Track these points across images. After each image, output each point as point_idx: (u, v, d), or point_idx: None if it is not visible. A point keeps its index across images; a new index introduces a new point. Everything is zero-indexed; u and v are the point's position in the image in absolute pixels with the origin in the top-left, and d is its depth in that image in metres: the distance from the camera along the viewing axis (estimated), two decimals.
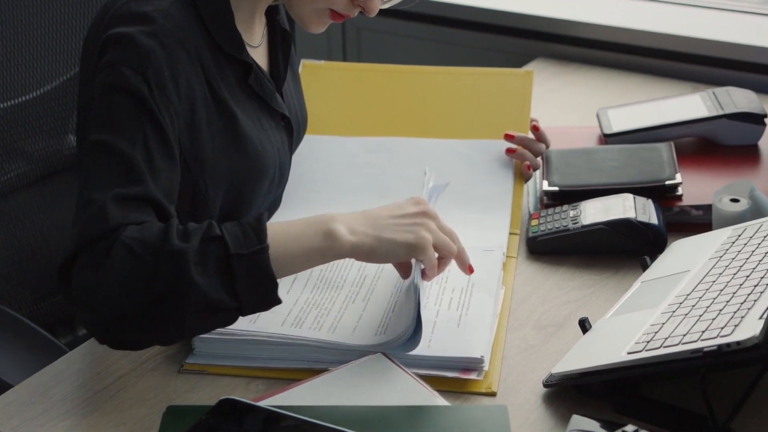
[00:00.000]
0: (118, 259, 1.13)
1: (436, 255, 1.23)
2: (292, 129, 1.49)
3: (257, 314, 1.24)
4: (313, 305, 1.27)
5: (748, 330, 1.02)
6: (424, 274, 1.23)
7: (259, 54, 1.43)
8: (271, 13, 1.46)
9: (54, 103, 1.66)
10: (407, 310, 1.21)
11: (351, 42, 2.47)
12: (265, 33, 1.45)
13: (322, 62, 1.76)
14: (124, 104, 1.23)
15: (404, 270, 1.28)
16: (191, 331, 1.19)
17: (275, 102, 1.43)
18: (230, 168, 1.34)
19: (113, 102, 1.23)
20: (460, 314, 1.26)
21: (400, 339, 1.18)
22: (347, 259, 1.35)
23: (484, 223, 1.48)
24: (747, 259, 1.21)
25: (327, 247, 1.19)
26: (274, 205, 1.50)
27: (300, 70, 1.72)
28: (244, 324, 1.22)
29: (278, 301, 1.18)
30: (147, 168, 1.21)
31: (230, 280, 1.14)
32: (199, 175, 1.31)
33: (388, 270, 1.32)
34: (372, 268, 1.35)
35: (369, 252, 1.21)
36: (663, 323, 1.13)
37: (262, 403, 1.10)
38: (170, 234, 1.15)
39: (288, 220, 1.22)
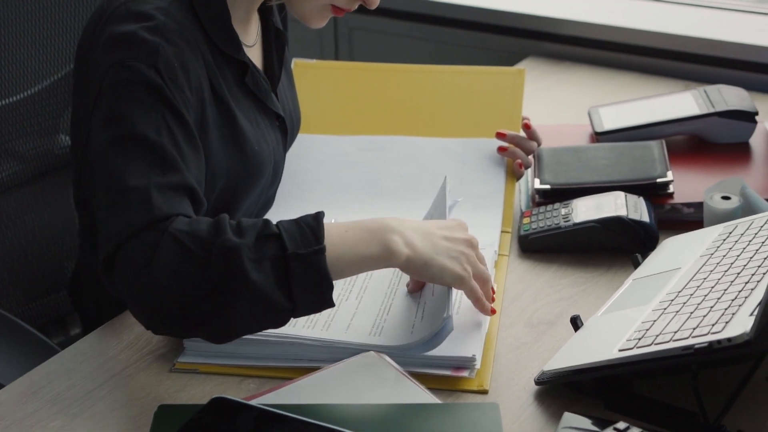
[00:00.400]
0: (167, 252, 1.11)
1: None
2: (287, 129, 1.49)
3: None
4: None
5: (738, 327, 1.03)
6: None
7: (254, 53, 1.43)
8: (265, 13, 1.46)
9: (45, 103, 1.66)
10: (423, 326, 1.21)
11: (343, 41, 2.47)
12: (259, 33, 1.45)
13: (314, 61, 1.76)
14: (141, 96, 1.21)
15: (418, 286, 1.28)
16: (240, 329, 1.16)
17: (271, 102, 1.43)
18: (228, 167, 1.34)
19: (128, 96, 1.21)
20: (452, 313, 1.25)
21: (405, 348, 1.19)
22: None
23: (476, 221, 1.48)
24: (738, 256, 1.21)
25: (383, 257, 1.18)
26: (266, 205, 1.50)
27: (292, 68, 1.72)
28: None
29: (332, 304, 1.15)
30: (179, 155, 1.19)
31: (286, 280, 1.12)
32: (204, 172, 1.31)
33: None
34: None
35: (419, 269, 1.19)
36: (654, 320, 1.13)
37: (254, 402, 1.10)
38: (224, 228, 1.13)
39: (344, 223, 1.19)
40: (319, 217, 1.16)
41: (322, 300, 1.15)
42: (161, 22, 1.25)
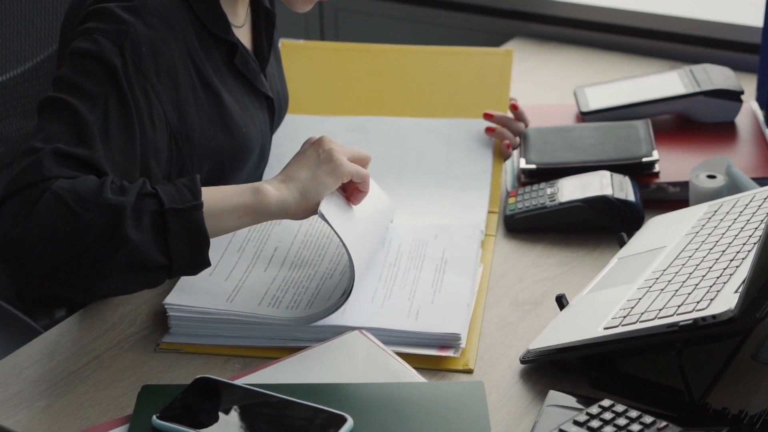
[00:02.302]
0: (45, 208, 1.11)
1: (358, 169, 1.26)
2: (275, 109, 1.48)
3: (234, 293, 1.24)
4: (291, 284, 1.27)
5: (723, 304, 1.03)
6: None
7: (242, 34, 1.42)
8: None
9: (28, 85, 1.65)
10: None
11: (329, 22, 2.46)
12: (249, 13, 1.45)
13: (301, 42, 1.76)
14: (94, 71, 1.22)
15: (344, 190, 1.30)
16: (115, 288, 1.17)
17: (260, 83, 1.42)
18: (216, 149, 1.34)
19: (83, 67, 1.22)
20: (436, 291, 1.25)
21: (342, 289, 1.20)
22: (326, 235, 1.35)
23: (463, 201, 1.48)
24: (723, 234, 1.21)
25: (256, 202, 1.20)
26: None
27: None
28: (221, 303, 1.22)
29: (207, 263, 1.17)
30: (100, 136, 1.19)
31: (163, 235, 1.14)
32: (188, 155, 1.31)
33: None
34: None
35: (300, 200, 1.22)
36: (639, 299, 1.13)
37: (239, 382, 1.10)
38: (105, 187, 1.14)
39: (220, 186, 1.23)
40: (195, 177, 1.19)
41: (198, 256, 1.16)
42: (141, 2, 1.24)
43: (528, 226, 1.44)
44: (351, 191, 1.28)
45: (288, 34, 1.90)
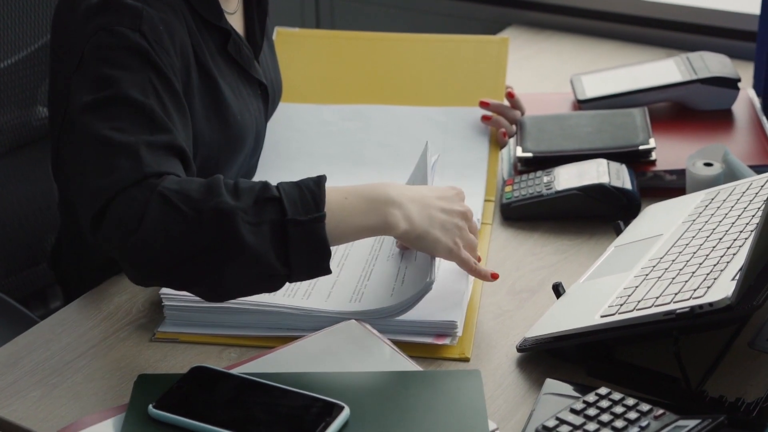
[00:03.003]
0: (156, 211, 1.09)
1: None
2: (269, 96, 1.47)
3: None
4: None
5: (720, 291, 1.02)
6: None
7: (235, 21, 1.41)
8: None
9: (22, 74, 1.64)
10: (403, 290, 1.21)
11: (324, 10, 2.45)
12: (241, 0, 1.44)
13: (297, 30, 1.75)
14: (127, 59, 1.19)
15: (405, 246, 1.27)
16: (233, 291, 1.14)
17: (254, 69, 1.41)
18: (210, 136, 1.33)
19: (114, 60, 1.19)
20: (434, 278, 1.25)
21: (383, 311, 1.18)
22: None
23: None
24: (720, 222, 1.21)
25: (380, 229, 1.17)
26: (248, 174, 1.49)
27: (274, 37, 1.70)
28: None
29: (329, 271, 1.14)
30: (166, 117, 1.18)
31: (284, 245, 1.10)
32: None
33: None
34: None
35: (413, 240, 1.19)
36: (636, 286, 1.13)
37: (235, 371, 1.09)
38: (218, 189, 1.11)
39: (344, 188, 1.17)
40: (320, 182, 1.14)
41: (318, 267, 1.13)
42: None
43: (525, 215, 1.44)
44: None
45: (284, 21, 1.89)
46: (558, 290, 1.23)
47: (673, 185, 1.48)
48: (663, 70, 1.71)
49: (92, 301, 1.28)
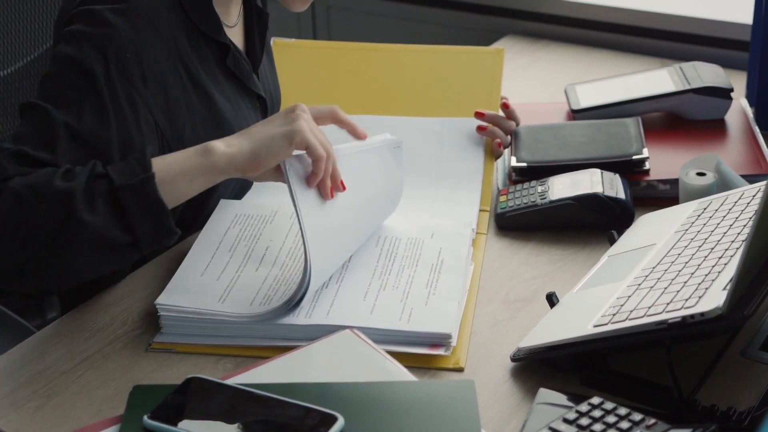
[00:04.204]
0: (5, 208, 1.13)
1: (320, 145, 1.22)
2: (267, 109, 1.48)
3: (226, 293, 1.24)
4: (282, 283, 1.27)
5: (712, 301, 1.03)
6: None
7: (235, 34, 1.42)
8: None
9: (20, 84, 1.65)
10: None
11: (321, 21, 2.46)
12: (241, 13, 1.45)
13: (293, 40, 1.76)
14: (74, 79, 1.22)
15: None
16: (82, 272, 1.19)
17: (252, 83, 1.42)
18: None
19: (64, 74, 1.23)
20: (429, 291, 1.26)
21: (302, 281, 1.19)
22: None
23: (455, 199, 1.48)
24: (712, 231, 1.22)
25: (206, 163, 1.20)
26: (245, 186, 1.49)
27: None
28: (213, 304, 1.22)
29: (175, 232, 1.18)
30: (68, 139, 1.21)
31: (120, 214, 1.15)
32: None
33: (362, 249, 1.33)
34: None
35: (249, 156, 1.20)
36: (629, 296, 1.14)
37: (230, 381, 1.10)
38: (56, 175, 1.15)
39: (171, 154, 1.23)
40: (144, 149, 1.19)
41: (161, 227, 1.17)
42: (131, 5, 1.24)
43: (519, 224, 1.45)
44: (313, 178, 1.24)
45: (280, 32, 1.90)
46: (552, 300, 1.24)
47: (667, 195, 1.48)
48: (656, 80, 1.72)
49: (88, 312, 1.28)
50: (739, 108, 1.68)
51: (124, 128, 1.24)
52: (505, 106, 1.61)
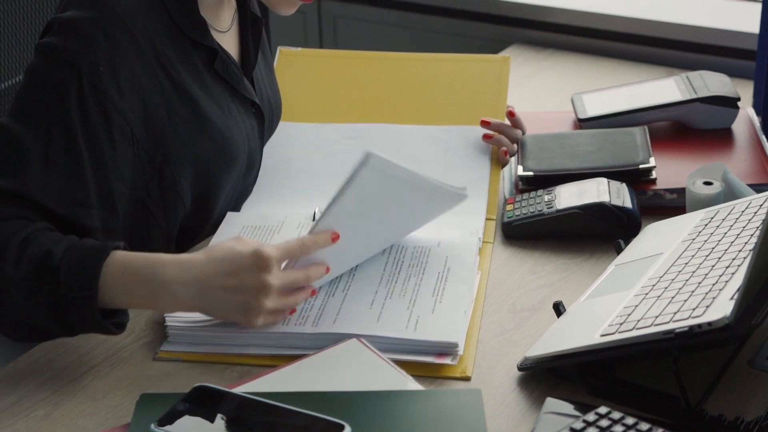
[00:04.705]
0: None
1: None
2: (264, 116, 1.48)
3: None
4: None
5: (719, 311, 1.03)
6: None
7: (228, 39, 1.42)
8: (243, 1, 1.46)
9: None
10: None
11: (327, 29, 2.47)
12: (236, 18, 1.45)
13: (299, 49, 1.76)
14: (43, 96, 1.23)
15: None
16: (12, 335, 1.21)
17: (243, 87, 1.42)
18: (197, 155, 1.34)
19: (33, 90, 1.24)
20: (436, 300, 1.26)
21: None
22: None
23: (461, 208, 1.48)
24: (719, 240, 1.22)
25: (153, 308, 1.22)
26: (243, 195, 1.49)
27: (276, 57, 1.71)
28: None
29: (113, 331, 1.18)
30: (38, 162, 1.21)
31: (61, 312, 1.16)
32: (165, 165, 1.31)
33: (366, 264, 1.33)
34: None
35: (200, 312, 1.19)
36: (636, 305, 1.14)
37: (237, 390, 1.10)
38: (4, 257, 1.16)
39: (129, 259, 1.17)
40: (101, 256, 1.16)
41: (103, 330, 1.18)
42: (107, 14, 1.24)
43: (526, 233, 1.45)
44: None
45: (286, 40, 1.90)
46: (558, 309, 1.24)
47: (674, 204, 1.48)
48: (663, 89, 1.72)
49: None
50: (746, 117, 1.67)
51: (96, 145, 1.24)
52: (510, 115, 1.61)
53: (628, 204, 1.43)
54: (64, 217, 1.22)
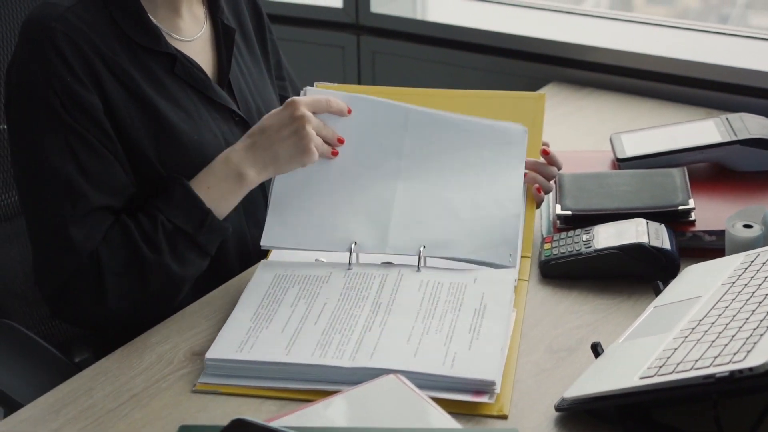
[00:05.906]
0: (113, 288, 1.33)
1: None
2: (248, 123, 1.50)
3: (290, 344, 1.25)
4: (337, 331, 1.28)
5: (760, 356, 1.02)
6: None
7: (194, 48, 1.49)
8: (216, 12, 1.53)
9: None
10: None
11: (366, 65, 2.48)
12: (208, 28, 1.52)
13: (334, 85, 1.77)
14: (42, 120, 1.34)
15: None
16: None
17: (212, 92, 1.48)
18: (163, 158, 1.41)
19: (30, 116, 1.35)
20: (473, 336, 1.26)
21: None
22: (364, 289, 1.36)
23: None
24: (760, 285, 1.21)
25: (244, 187, 1.41)
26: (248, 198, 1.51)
27: (313, 91, 1.72)
28: (278, 355, 1.23)
29: (227, 229, 1.41)
30: (83, 179, 1.33)
31: (203, 253, 1.39)
32: (140, 163, 1.41)
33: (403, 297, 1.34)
34: (386, 294, 1.35)
35: (276, 172, 1.43)
36: (675, 348, 1.13)
37: (275, 424, 1.10)
38: (139, 246, 1.34)
39: (202, 178, 1.40)
40: (189, 192, 1.38)
41: (226, 232, 1.42)
42: (53, 27, 1.34)
43: (563, 273, 1.45)
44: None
45: (325, 76, 1.91)
46: (597, 350, 1.24)
47: (713, 246, 1.48)
48: (702, 130, 1.72)
49: (134, 350, 1.30)
50: None
51: (102, 141, 1.36)
52: (544, 153, 1.61)
53: (667, 245, 1.42)
54: (116, 209, 1.38)
